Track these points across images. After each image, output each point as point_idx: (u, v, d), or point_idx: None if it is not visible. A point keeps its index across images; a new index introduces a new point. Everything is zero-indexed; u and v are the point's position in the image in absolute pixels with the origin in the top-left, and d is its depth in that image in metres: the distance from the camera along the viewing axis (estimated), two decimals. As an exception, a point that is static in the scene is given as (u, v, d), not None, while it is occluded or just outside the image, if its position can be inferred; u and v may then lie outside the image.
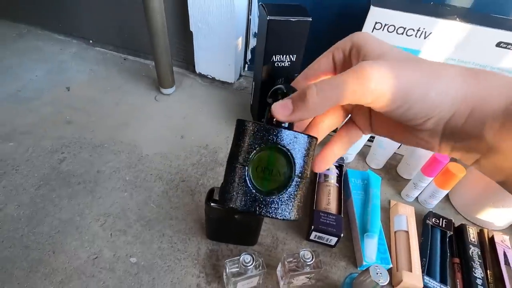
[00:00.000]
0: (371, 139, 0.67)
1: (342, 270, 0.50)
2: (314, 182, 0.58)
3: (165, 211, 0.55)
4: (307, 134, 0.21)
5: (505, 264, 0.50)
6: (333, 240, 0.50)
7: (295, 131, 0.20)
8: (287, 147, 0.20)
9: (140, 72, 0.90)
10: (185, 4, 0.75)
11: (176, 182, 0.60)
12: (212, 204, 0.43)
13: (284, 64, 0.62)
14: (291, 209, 0.21)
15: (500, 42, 0.49)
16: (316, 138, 0.21)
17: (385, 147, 0.63)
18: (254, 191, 0.20)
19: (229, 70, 0.83)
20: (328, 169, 0.60)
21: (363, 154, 0.70)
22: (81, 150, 0.64)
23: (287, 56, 0.61)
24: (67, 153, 0.63)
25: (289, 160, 0.20)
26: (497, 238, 0.53)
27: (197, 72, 0.88)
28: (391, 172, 0.67)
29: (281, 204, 0.20)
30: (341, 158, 0.63)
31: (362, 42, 0.19)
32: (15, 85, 0.79)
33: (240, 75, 0.89)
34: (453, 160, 0.55)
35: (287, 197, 0.20)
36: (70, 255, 0.48)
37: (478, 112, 0.16)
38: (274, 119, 0.20)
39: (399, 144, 0.64)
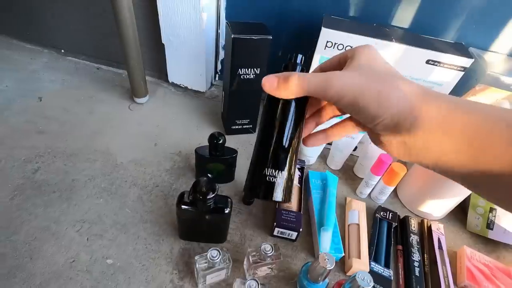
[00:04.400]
0: (329, 143, 0.74)
1: (302, 261, 0.56)
2: (278, 183, 0.64)
3: (140, 215, 0.58)
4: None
5: (439, 248, 0.59)
6: (294, 234, 0.56)
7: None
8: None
9: (114, 81, 0.92)
10: (156, 18, 0.79)
11: (150, 188, 0.64)
12: (182, 206, 0.48)
13: (250, 76, 0.67)
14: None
15: (429, 60, 0.58)
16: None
17: (342, 150, 0.71)
18: None
19: (200, 80, 0.88)
20: (291, 171, 0.66)
21: (324, 157, 0.77)
22: (55, 160, 0.66)
23: (252, 69, 0.67)
24: (41, 162, 0.65)
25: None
26: (434, 227, 0.62)
27: (170, 81, 0.92)
28: (348, 172, 0.75)
29: None
30: (303, 161, 0.70)
31: (356, 55, 0.23)
32: (-16, 95, 0.79)
33: (212, 84, 0.94)
34: (396, 160, 0.63)
35: None
36: (47, 260, 0.50)
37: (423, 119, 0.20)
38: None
39: (354, 147, 0.72)
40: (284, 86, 0.22)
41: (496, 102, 0.58)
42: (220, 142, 0.58)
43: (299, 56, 0.26)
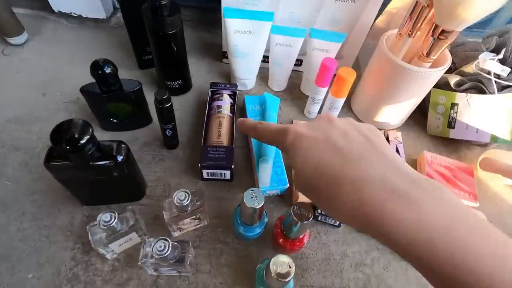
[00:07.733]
0: (266, 60, 0.60)
1: (243, 201, 0.47)
2: (203, 116, 0.51)
3: (25, 186, 0.44)
4: None
5: (397, 158, 0.51)
6: (227, 173, 0.46)
7: None
8: None
9: (-22, 21, 0.68)
10: None
11: (38, 150, 0.49)
12: (52, 163, 0.34)
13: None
14: None
15: None
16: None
17: (281, 64, 0.57)
18: None
19: (96, 3, 0.67)
20: (221, 99, 0.53)
21: (265, 78, 0.64)
22: None
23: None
24: None
25: None
26: (391, 136, 0.54)
27: (56, 11, 0.69)
28: (295, 92, 0.63)
29: None
30: (235, 85, 0.56)
31: (291, 156, 0.26)
32: None
33: (115, 8, 0.73)
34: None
35: None
36: None
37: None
38: None
39: (296, 60, 0.58)
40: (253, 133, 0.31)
41: None
42: (108, 72, 0.42)
43: None
